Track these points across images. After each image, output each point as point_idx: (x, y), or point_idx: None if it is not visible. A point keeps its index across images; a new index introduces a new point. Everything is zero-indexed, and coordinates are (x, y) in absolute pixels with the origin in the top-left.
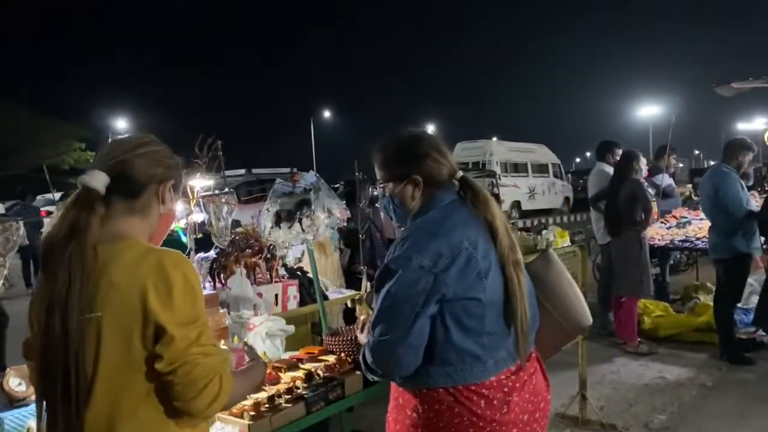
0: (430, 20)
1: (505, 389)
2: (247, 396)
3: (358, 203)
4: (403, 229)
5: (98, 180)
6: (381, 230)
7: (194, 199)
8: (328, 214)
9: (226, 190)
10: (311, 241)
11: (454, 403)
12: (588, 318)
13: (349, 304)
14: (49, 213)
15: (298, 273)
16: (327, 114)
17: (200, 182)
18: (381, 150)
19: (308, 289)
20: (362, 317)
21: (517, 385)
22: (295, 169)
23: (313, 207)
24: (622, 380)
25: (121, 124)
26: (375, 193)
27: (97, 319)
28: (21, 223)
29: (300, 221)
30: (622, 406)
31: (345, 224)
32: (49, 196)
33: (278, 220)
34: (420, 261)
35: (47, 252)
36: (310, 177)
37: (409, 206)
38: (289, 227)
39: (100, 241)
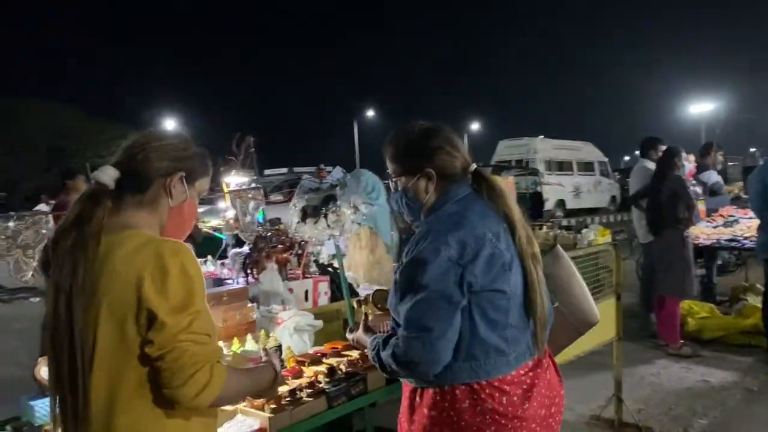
0: (475, 17)
1: (525, 385)
2: (249, 398)
3: None
4: (417, 224)
5: (108, 175)
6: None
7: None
8: (354, 210)
9: (253, 185)
10: (338, 236)
11: (477, 400)
12: (595, 314)
13: (355, 305)
14: None
15: (330, 269)
16: (370, 113)
17: (236, 179)
18: (392, 143)
19: (340, 286)
20: (370, 317)
21: (536, 380)
22: (322, 165)
23: (339, 203)
24: (662, 383)
25: (169, 124)
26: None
27: (98, 305)
28: (50, 216)
29: (326, 217)
30: (661, 409)
31: None
32: None
33: (304, 215)
34: (448, 253)
35: (54, 241)
36: (336, 173)
37: (423, 200)
38: (315, 223)
39: (106, 232)
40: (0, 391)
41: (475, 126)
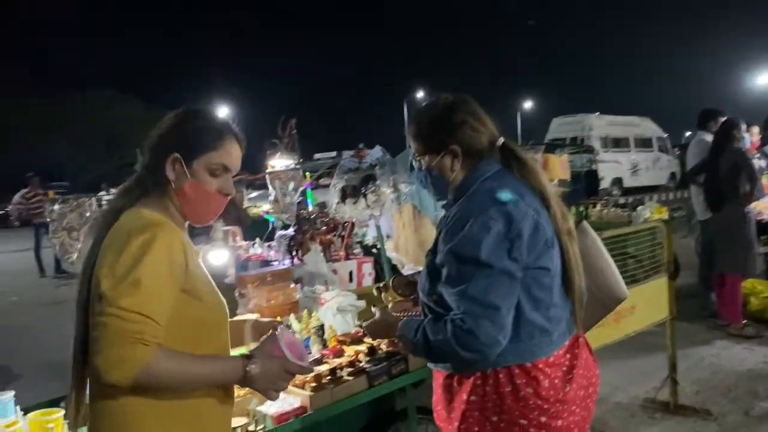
0: None
1: (564, 366)
2: (201, 386)
3: None
4: (444, 204)
5: (140, 160)
6: None
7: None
8: (394, 189)
9: (293, 165)
10: (378, 217)
11: (520, 384)
12: (623, 290)
13: (375, 293)
14: None
15: (374, 251)
16: (420, 94)
17: (280, 162)
18: (414, 121)
19: (391, 271)
20: (390, 304)
21: (575, 361)
22: (361, 145)
23: (378, 182)
24: (722, 364)
25: (222, 112)
26: None
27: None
28: (93, 199)
29: (365, 196)
30: (719, 391)
31: None
32: None
33: (344, 195)
34: (497, 227)
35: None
36: (376, 152)
37: (449, 178)
38: (355, 203)
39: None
40: (65, 370)
41: (528, 104)
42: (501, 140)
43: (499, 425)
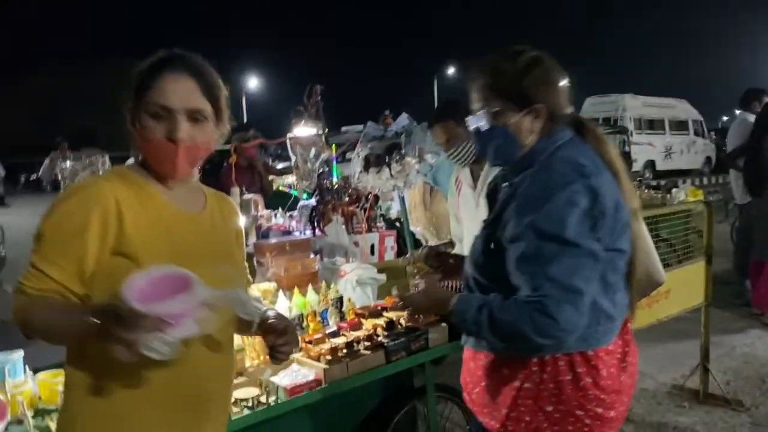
0: None
1: (619, 354)
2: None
3: None
4: (506, 170)
5: None
6: None
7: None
8: (420, 160)
9: (316, 132)
10: (402, 188)
11: (580, 372)
12: (662, 274)
13: (404, 262)
14: None
15: (398, 224)
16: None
17: (304, 130)
18: (490, 70)
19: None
20: (416, 277)
21: (627, 348)
22: (387, 112)
23: (403, 151)
24: (756, 354)
25: (252, 83)
26: None
27: None
28: (107, 156)
29: (389, 166)
30: (752, 382)
31: None
32: None
33: (367, 165)
34: (582, 204)
35: None
36: (402, 120)
37: (524, 142)
38: (378, 172)
39: None
40: None
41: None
42: (571, 109)
43: (553, 415)
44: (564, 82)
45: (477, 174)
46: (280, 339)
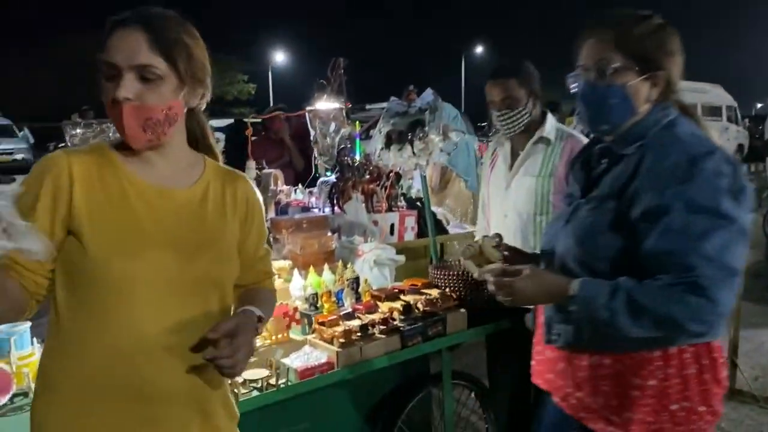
0: None
1: (722, 365)
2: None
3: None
4: (610, 136)
5: None
6: None
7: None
8: (444, 137)
9: (336, 105)
10: (424, 166)
11: (705, 365)
12: None
13: (467, 263)
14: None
15: (419, 204)
16: (479, 50)
17: (326, 104)
18: (619, 26)
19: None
20: (492, 265)
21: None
22: (411, 87)
23: (427, 128)
24: None
25: (279, 57)
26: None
27: None
28: None
29: (411, 143)
30: None
31: None
32: (213, 122)
33: (388, 141)
34: (727, 177)
35: None
36: (427, 95)
37: (637, 107)
38: (399, 150)
39: None
40: None
41: None
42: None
43: (678, 414)
44: (682, 57)
45: (517, 151)
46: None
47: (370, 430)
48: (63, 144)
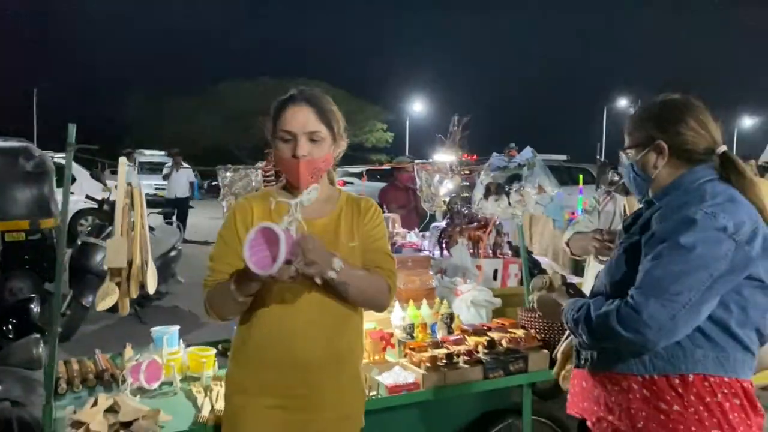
0: None
1: (758, 402)
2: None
3: (596, 188)
4: (643, 203)
5: None
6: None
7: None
8: (539, 191)
9: (447, 159)
10: (520, 216)
11: (729, 394)
12: None
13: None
14: (345, 183)
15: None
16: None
17: (442, 157)
18: (632, 114)
19: (531, 271)
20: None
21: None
22: (512, 144)
23: (523, 182)
24: None
25: (417, 107)
26: (615, 177)
27: None
28: (259, 171)
29: (508, 195)
30: None
31: None
32: (347, 168)
33: (488, 192)
34: (725, 221)
35: None
36: (526, 153)
37: (651, 175)
38: (497, 200)
39: None
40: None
41: (748, 121)
42: (722, 148)
43: None
44: (699, 124)
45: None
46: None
47: None
48: (215, 182)
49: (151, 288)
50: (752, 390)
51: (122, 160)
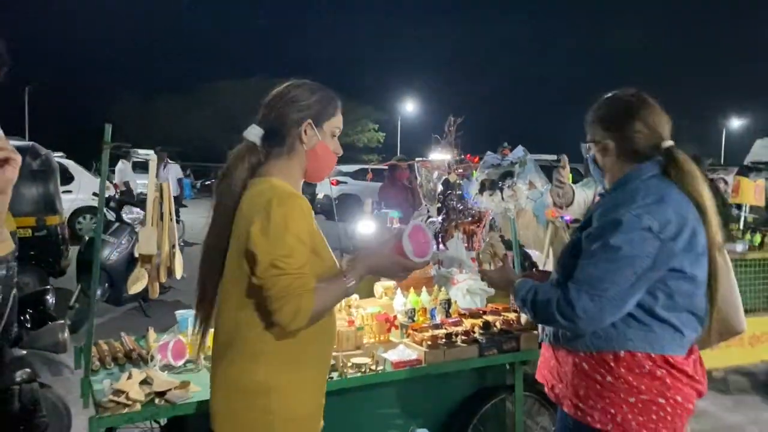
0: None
1: (688, 371)
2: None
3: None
4: (601, 192)
5: (254, 134)
6: None
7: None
8: (530, 187)
9: (443, 158)
10: (512, 210)
11: (654, 366)
12: (741, 323)
13: (482, 256)
14: (338, 182)
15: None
16: None
17: (438, 156)
18: (590, 109)
19: (522, 263)
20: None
21: (696, 369)
22: (505, 144)
23: (515, 179)
24: None
25: (409, 107)
26: None
27: (232, 239)
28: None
29: (501, 191)
30: None
31: None
32: (341, 167)
33: (482, 188)
34: (649, 222)
35: (216, 188)
36: (518, 152)
37: (603, 170)
38: (491, 195)
39: (252, 181)
40: None
41: (737, 122)
42: (666, 143)
43: (637, 405)
44: (646, 125)
45: None
46: None
47: (450, 424)
48: (209, 182)
49: (178, 273)
50: (684, 362)
51: (152, 156)
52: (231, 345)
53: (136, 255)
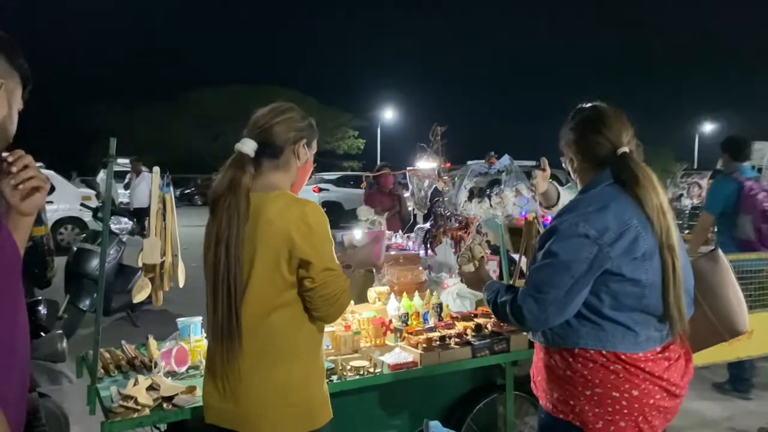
0: None
1: (645, 368)
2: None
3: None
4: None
5: (248, 146)
6: None
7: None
8: (516, 194)
9: (434, 165)
10: (500, 216)
11: (607, 362)
12: (745, 325)
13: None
14: (320, 189)
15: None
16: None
17: (425, 164)
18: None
19: (508, 268)
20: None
21: (670, 369)
22: (492, 153)
23: (502, 186)
24: None
25: (388, 114)
26: None
27: (253, 249)
28: None
29: (489, 198)
30: None
31: None
32: (322, 175)
33: (471, 195)
34: (585, 230)
35: (213, 202)
36: (504, 160)
37: (575, 177)
38: (479, 202)
39: (254, 191)
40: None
41: (709, 127)
42: (622, 150)
43: (592, 398)
44: (601, 135)
45: None
46: None
47: (445, 422)
48: (188, 191)
49: (181, 282)
50: (642, 359)
51: (156, 169)
52: (267, 349)
53: (126, 263)
